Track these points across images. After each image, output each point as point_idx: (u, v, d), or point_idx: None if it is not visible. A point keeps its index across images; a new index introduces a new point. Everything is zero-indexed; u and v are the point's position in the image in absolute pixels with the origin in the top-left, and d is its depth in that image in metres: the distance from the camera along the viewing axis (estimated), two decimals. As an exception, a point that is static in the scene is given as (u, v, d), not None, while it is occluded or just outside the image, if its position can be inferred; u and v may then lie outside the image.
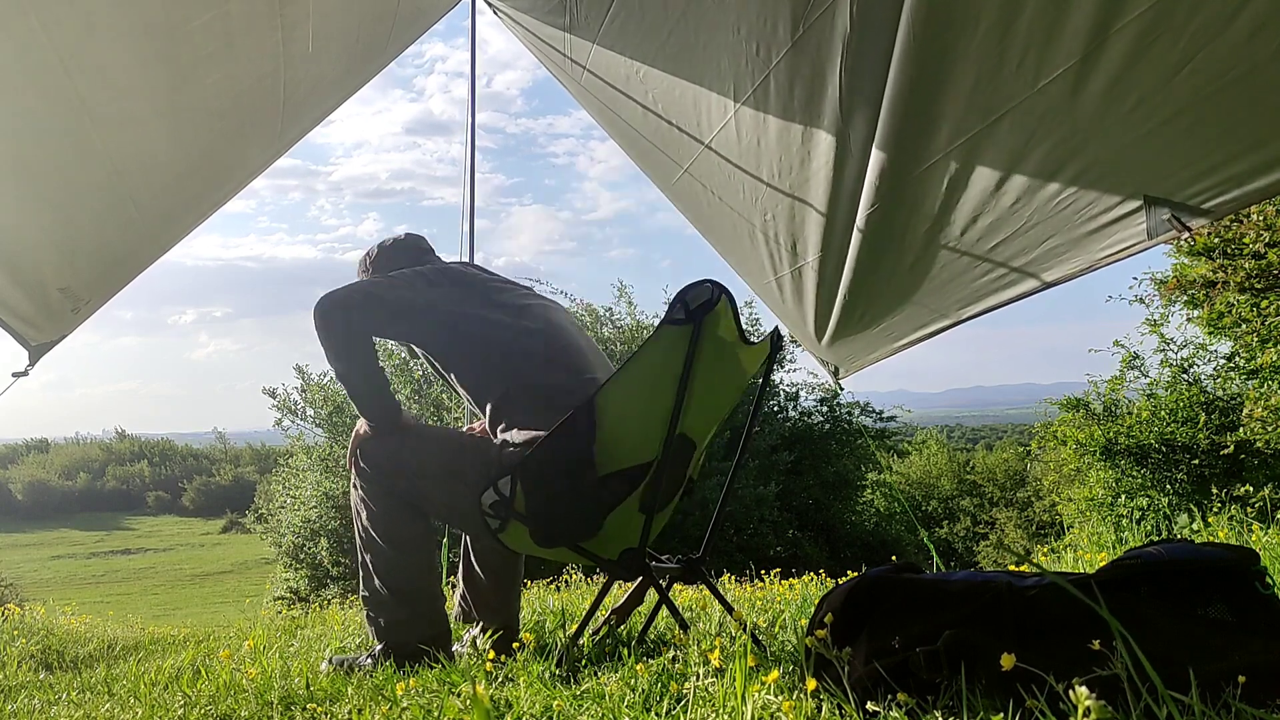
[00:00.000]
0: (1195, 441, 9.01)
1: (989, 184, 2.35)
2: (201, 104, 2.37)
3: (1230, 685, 1.17)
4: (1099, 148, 2.09)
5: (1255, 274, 7.40)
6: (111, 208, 2.50)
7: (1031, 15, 1.92)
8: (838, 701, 1.38)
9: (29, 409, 70.76)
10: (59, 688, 2.41)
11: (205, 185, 2.92)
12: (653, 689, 1.59)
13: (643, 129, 3.35)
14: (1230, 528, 4.39)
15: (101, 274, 2.80)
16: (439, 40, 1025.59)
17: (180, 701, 1.92)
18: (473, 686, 1.65)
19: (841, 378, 3.77)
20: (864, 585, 1.53)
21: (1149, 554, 1.45)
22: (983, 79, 2.11)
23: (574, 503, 1.96)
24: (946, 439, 32.26)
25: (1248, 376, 8.70)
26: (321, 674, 2.12)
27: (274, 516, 13.17)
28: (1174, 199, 2.05)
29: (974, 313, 2.93)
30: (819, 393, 15.52)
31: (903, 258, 2.81)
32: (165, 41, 1.99)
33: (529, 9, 3.36)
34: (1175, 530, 7.24)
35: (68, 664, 3.13)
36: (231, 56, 2.23)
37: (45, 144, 2.10)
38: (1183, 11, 1.71)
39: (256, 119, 2.78)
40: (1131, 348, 10.09)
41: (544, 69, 3.66)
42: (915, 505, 23.91)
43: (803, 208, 2.90)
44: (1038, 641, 1.33)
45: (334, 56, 2.95)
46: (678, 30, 2.72)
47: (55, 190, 2.29)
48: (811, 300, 3.27)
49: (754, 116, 2.75)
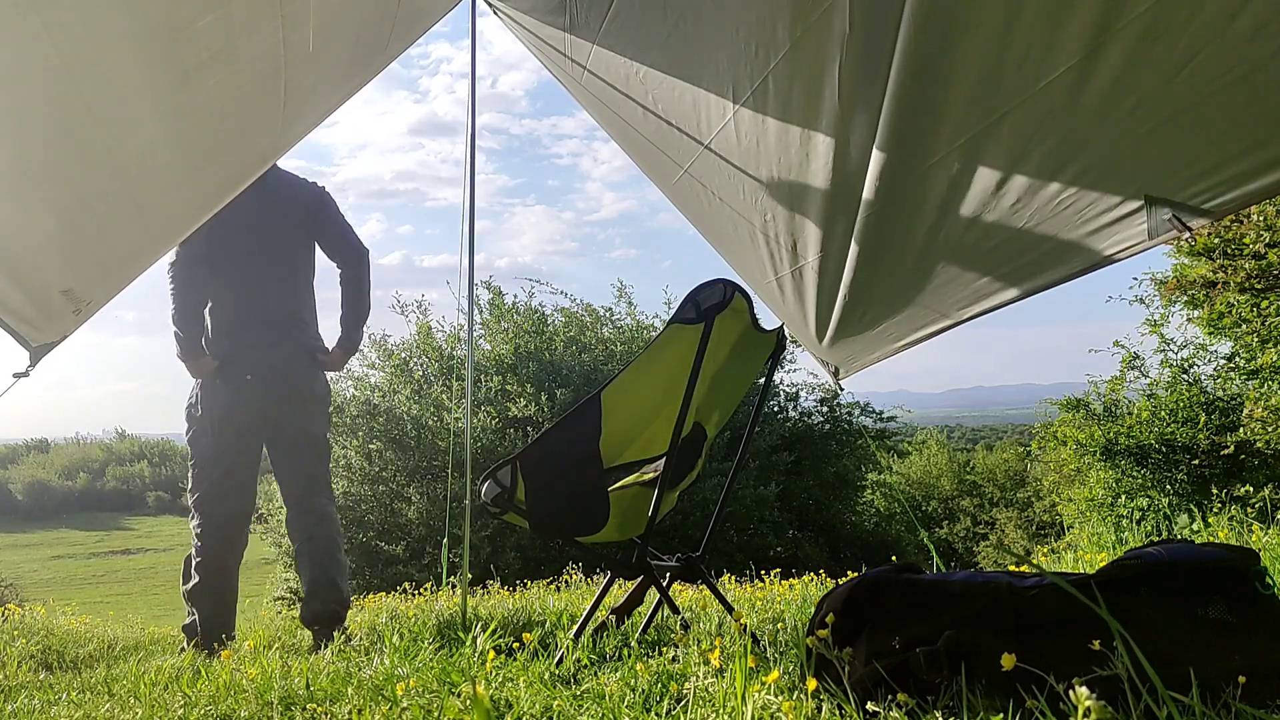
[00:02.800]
0: (1195, 442, 9.00)
1: (989, 184, 2.35)
2: (204, 105, 2.37)
3: (1230, 685, 1.17)
4: (1099, 148, 2.09)
5: (1255, 274, 7.39)
6: (114, 210, 2.50)
7: (1032, 15, 1.92)
8: (838, 702, 1.38)
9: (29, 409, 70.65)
10: (59, 688, 2.41)
11: (207, 186, 2.92)
12: (653, 689, 1.59)
13: (643, 129, 3.35)
14: (1230, 528, 4.39)
15: (104, 276, 2.80)
16: (444, 41, 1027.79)
17: (180, 701, 1.92)
18: (473, 686, 1.65)
19: (842, 378, 3.77)
20: (864, 585, 1.53)
21: (1149, 554, 1.45)
22: (983, 79, 2.11)
23: (576, 496, 1.97)
24: (946, 439, 32.25)
25: (1248, 377, 8.69)
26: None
27: (274, 517, 13.17)
28: (1174, 199, 2.05)
29: (974, 313, 2.93)
30: (819, 393, 15.52)
31: (903, 258, 2.81)
32: (168, 43, 1.99)
33: (529, 9, 3.36)
34: (1175, 530, 7.24)
35: (68, 664, 3.13)
36: (233, 57, 2.23)
37: (48, 146, 2.10)
38: (1183, 11, 1.71)
39: (258, 120, 2.78)
40: (1131, 348, 10.09)
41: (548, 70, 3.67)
42: (915, 505, 23.90)
43: (803, 207, 2.91)
44: (1038, 642, 1.33)
45: (335, 56, 2.95)
46: (677, 31, 2.73)
47: (58, 193, 2.29)
48: (812, 300, 3.27)
49: (753, 118, 2.75)
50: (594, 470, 1.94)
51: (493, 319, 13.87)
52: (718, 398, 2.07)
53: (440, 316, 14.03)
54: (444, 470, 11.38)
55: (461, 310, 10.26)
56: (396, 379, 13.03)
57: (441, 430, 11.64)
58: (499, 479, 1.90)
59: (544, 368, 12.36)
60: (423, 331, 13.33)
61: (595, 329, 14.01)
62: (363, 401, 12.41)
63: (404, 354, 13.35)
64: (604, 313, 14.39)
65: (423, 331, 13.33)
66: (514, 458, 1.91)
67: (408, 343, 13.47)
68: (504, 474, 1.90)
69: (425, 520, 11.06)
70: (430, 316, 13.67)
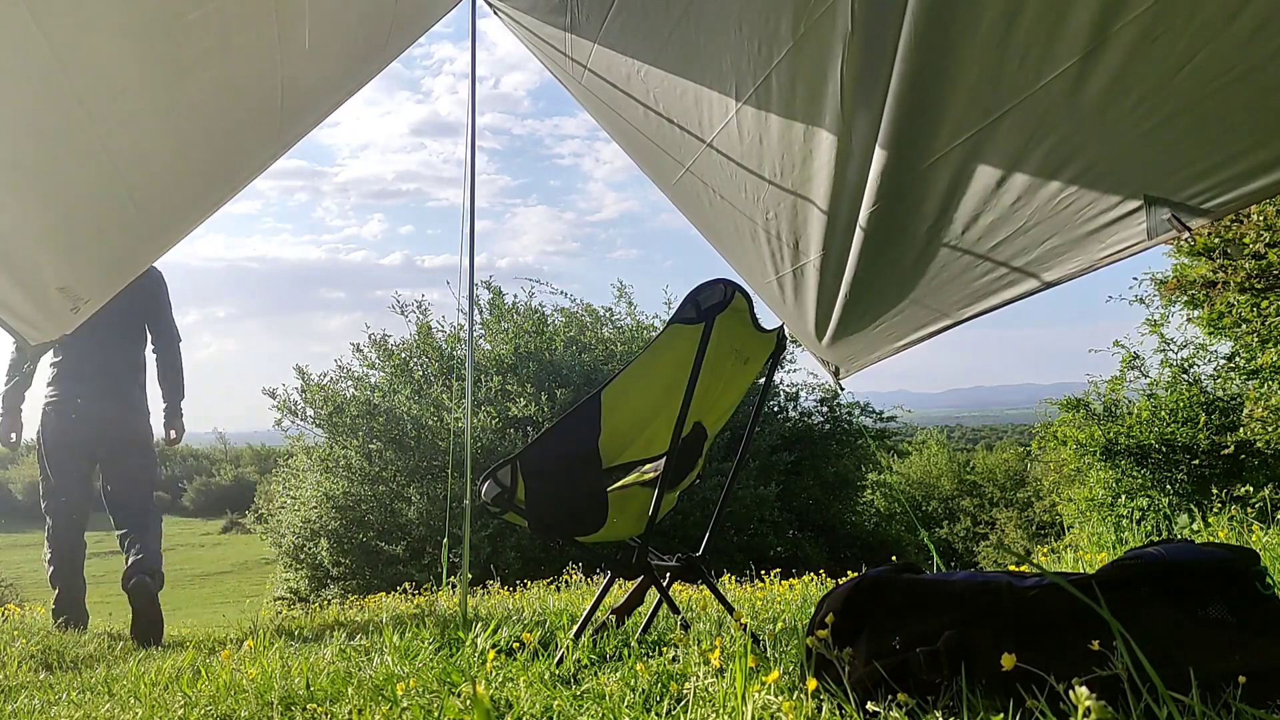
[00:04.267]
0: (1195, 442, 9.00)
1: (990, 183, 2.35)
2: (199, 101, 2.36)
3: (1230, 685, 1.16)
4: (1099, 147, 2.09)
5: (1255, 274, 7.39)
6: (110, 206, 2.50)
7: (1032, 13, 1.92)
8: (838, 702, 1.38)
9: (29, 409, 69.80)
10: (59, 688, 2.41)
11: (204, 184, 2.92)
12: (653, 689, 1.59)
13: (644, 128, 3.35)
14: (1230, 528, 4.39)
15: (101, 273, 2.80)
16: (448, 42, 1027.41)
17: (180, 702, 1.92)
18: (473, 687, 1.65)
19: (842, 378, 3.76)
20: (864, 585, 1.53)
21: (1149, 554, 1.45)
22: (984, 77, 2.11)
23: (576, 496, 1.97)
24: (946, 439, 32.24)
25: (1248, 377, 8.69)
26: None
27: (274, 517, 13.17)
28: (1174, 199, 2.05)
29: (974, 313, 2.93)
30: (819, 393, 15.52)
31: (904, 256, 2.81)
32: (162, 37, 1.98)
33: (529, 9, 3.36)
34: (1175, 530, 7.24)
35: (68, 664, 3.12)
36: (228, 52, 2.22)
37: (42, 141, 2.10)
38: (1183, 11, 1.71)
39: (255, 117, 2.77)
40: (1132, 348, 10.08)
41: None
42: (915, 505, 23.90)
43: (805, 205, 2.90)
44: (1038, 642, 1.33)
45: (333, 54, 2.95)
46: (679, 29, 2.73)
47: (53, 188, 2.28)
48: (813, 299, 3.26)
49: (756, 115, 2.75)
50: (594, 470, 1.94)
51: (493, 319, 13.88)
52: (718, 397, 2.07)
53: (440, 317, 14.03)
54: (444, 470, 11.38)
55: (461, 310, 10.27)
56: (396, 379, 13.03)
57: (441, 430, 11.64)
58: (499, 479, 1.90)
59: (544, 368, 12.36)
60: (423, 331, 13.34)
61: (595, 329, 14.01)
62: (363, 401, 12.40)
63: (404, 354, 13.35)
64: (604, 313, 14.40)
65: (423, 331, 13.34)
66: (514, 458, 1.91)
67: (408, 343, 13.48)
68: (504, 474, 1.90)
69: (425, 520, 11.06)
70: (430, 316, 13.68)
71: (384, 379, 13.23)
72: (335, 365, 13.58)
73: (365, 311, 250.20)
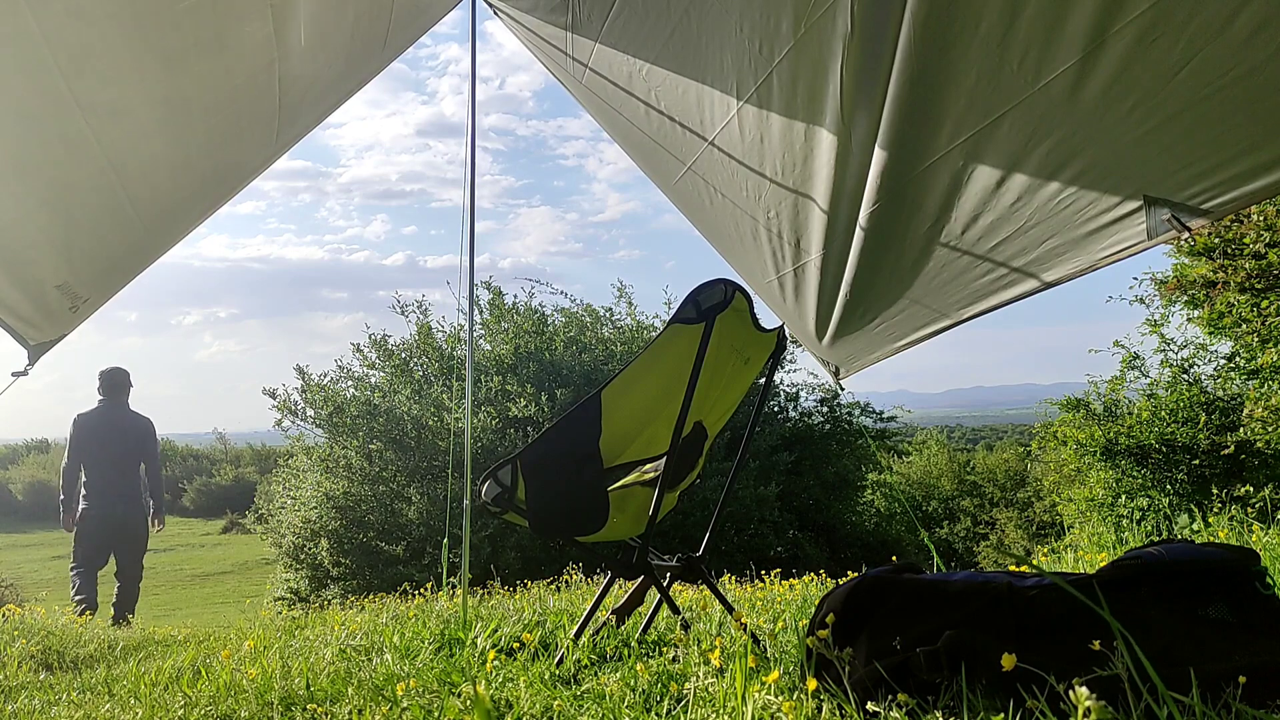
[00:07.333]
0: (1195, 442, 8.99)
1: (989, 183, 2.35)
2: (195, 97, 2.35)
3: (1231, 685, 1.16)
4: (1099, 148, 2.09)
5: (1255, 274, 7.39)
6: (107, 204, 2.49)
7: (1032, 14, 1.92)
8: (838, 702, 1.38)
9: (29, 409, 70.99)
10: (59, 688, 2.41)
11: (203, 183, 2.91)
12: (653, 689, 1.59)
13: (645, 127, 3.35)
14: (1230, 528, 4.39)
15: (100, 272, 2.79)
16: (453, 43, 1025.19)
17: (180, 702, 1.92)
18: (473, 687, 1.65)
19: (842, 378, 3.76)
20: (865, 586, 1.53)
21: (1150, 554, 1.45)
22: (983, 78, 2.11)
23: (576, 496, 1.97)
24: (947, 439, 32.21)
25: (1248, 377, 8.69)
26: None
27: (274, 517, 13.16)
28: (1174, 199, 2.05)
29: (974, 313, 2.93)
30: (819, 393, 15.49)
31: (904, 256, 2.81)
32: (152, 27, 1.97)
33: (530, 9, 3.36)
34: (1176, 530, 7.23)
35: (68, 664, 3.12)
36: (221, 46, 2.21)
37: (37, 137, 2.08)
38: (1182, 12, 1.71)
39: (253, 116, 2.77)
40: (1132, 348, 10.08)
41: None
42: (915, 505, 23.89)
43: (806, 204, 2.91)
44: (1038, 642, 1.33)
45: (331, 54, 2.94)
46: (681, 28, 2.73)
47: (49, 185, 2.27)
48: (813, 298, 3.26)
49: (757, 114, 2.75)
50: (594, 470, 1.94)
51: (493, 319, 13.87)
52: (718, 397, 2.07)
53: (441, 317, 14.02)
54: (444, 470, 11.37)
55: (462, 311, 10.26)
56: (396, 379, 13.02)
57: (441, 430, 11.63)
58: (499, 479, 1.90)
59: (544, 368, 12.35)
60: (423, 332, 13.32)
61: (595, 329, 14.00)
62: (363, 401, 12.39)
63: (404, 354, 13.34)
64: (604, 313, 14.39)
65: (423, 332, 13.32)
66: (514, 457, 1.91)
67: (408, 343, 13.46)
68: (504, 474, 1.90)
69: (425, 520, 11.05)
70: (431, 317, 13.66)
71: (384, 379, 13.22)
72: (335, 365, 13.59)
73: (367, 312, 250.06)
